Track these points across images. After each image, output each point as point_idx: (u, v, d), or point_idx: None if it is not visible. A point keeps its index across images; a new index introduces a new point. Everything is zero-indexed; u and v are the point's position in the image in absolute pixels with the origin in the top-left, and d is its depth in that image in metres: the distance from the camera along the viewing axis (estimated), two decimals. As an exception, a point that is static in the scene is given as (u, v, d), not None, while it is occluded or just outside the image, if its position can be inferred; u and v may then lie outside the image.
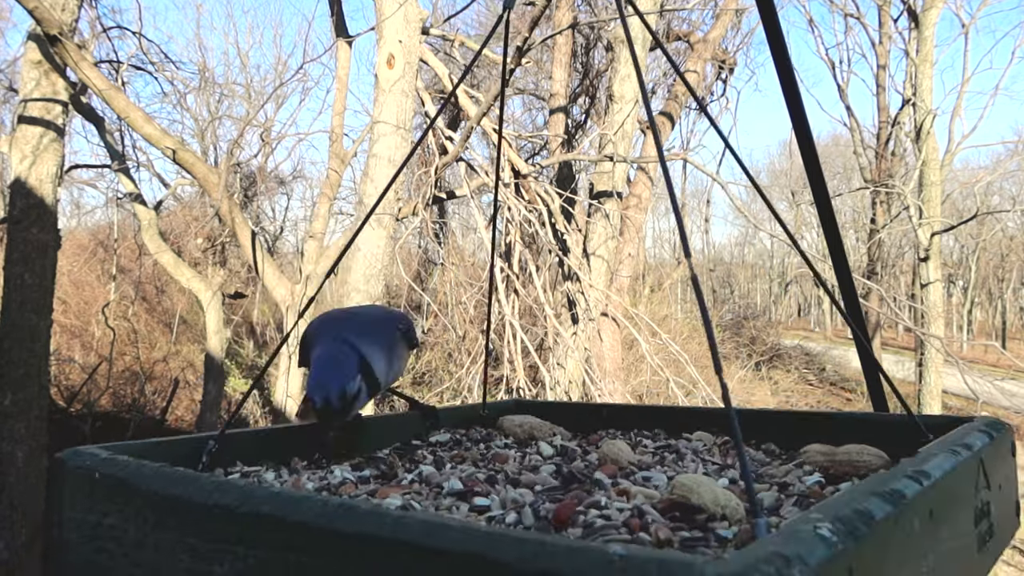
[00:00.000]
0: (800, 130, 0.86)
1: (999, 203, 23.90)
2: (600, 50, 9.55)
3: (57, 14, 4.45)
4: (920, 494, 0.55)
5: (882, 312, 14.22)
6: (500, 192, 4.96)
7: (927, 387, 10.84)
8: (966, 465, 0.68)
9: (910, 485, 0.56)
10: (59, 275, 5.52)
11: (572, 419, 1.17)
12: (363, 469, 0.89)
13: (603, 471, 0.80)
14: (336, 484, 0.82)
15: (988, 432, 0.79)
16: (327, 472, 0.87)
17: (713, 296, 27.38)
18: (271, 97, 11.53)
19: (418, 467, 0.88)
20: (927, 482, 0.58)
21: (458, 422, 1.21)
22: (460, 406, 1.31)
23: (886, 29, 14.00)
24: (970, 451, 0.71)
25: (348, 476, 0.85)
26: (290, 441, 0.97)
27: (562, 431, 1.11)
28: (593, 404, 1.23)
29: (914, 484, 0.56)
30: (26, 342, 4.84)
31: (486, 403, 1.27)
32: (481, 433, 1.16)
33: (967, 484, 0.69)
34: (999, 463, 0.79)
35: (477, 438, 1.13)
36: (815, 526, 0.42)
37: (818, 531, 0.41)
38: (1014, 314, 33.36)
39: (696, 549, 0.54)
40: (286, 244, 18.26)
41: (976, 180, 15.28)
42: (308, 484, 0.82)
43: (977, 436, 0.77)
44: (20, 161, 4.86)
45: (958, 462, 0.67)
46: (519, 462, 0.90)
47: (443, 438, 1.12)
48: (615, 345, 6.12)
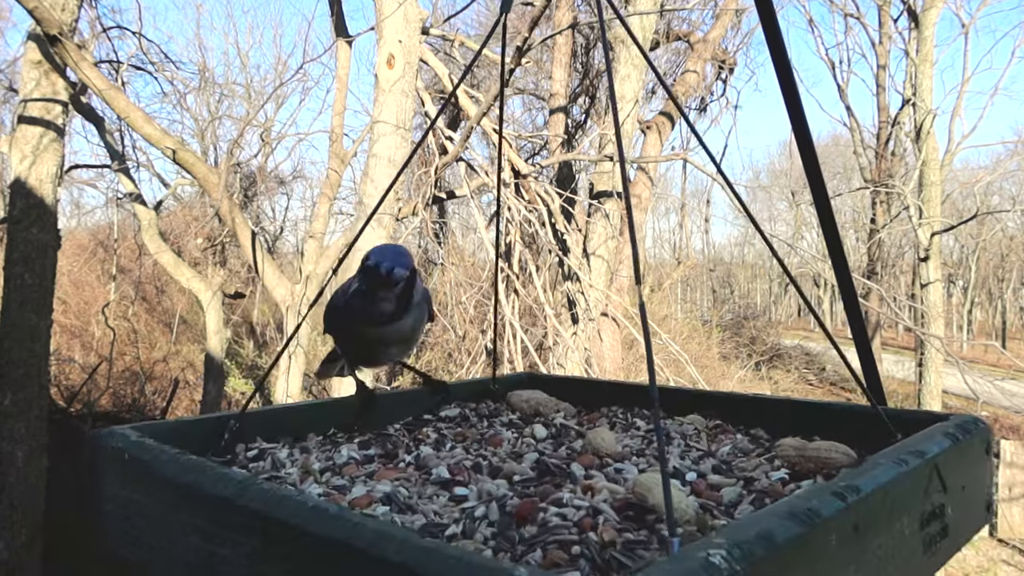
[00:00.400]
0: (800, 130, 0.86)
1: (999, 203, 23.89)
2: (600, 50, 9.54)
3: (57, 14, 4.45)
4: (842, 511, 0.58)
5: (882, 312, 14.21)
6: (500, 192, 4.96)
7: (927, 387, 10.85)
8: (912, 474, 0.70)
9: (831, 503, 0.58)
10: (59, 275, 5.52)
11: (579, 394, 1.21)
12: (369, 448, 0.96)
13: (580, 462, 0.85)
14: (341, 464, 0.88)
15: (954, 435, 0.80)
16: (335, 451, 0.93)
17: (713, 296, 27.38)
18: (271, 97, 11.53)
19: (419, 447, 0.94)
20: (853, 498, 0.60)
21: (469, 396, 1.25)
22: (471, 380, 1.36)
23: (886, 29, 13.99)
24: (921, 458, 0.72)
25: (354, 455, 0.91)
26: (306, 417, 1.05)
27: (567, 407, 1.14)
28: (596, 380, 1.31)
29: (836, 502, 0.58)
30: (26, 342, 4.84)
31: (496, 377, 1.30)
32: (490, 408, 1.20)
33: (912, 491, 0.70)
34: (964, 465, 0.81)
35: (485, 413, 1.17)
36: (708, 553, 0.45)
37: (710, 559, 0.44)
38: (1014, 314, 33.34)
39: (635, 552, 0.59)
40: (286, 244, 18.25)
41: (976, 180, 15.27)
42: (315, 464, 0.87)
43: (938, 441, 0.78)
44: (20, 161, 4.86)
45: (900, 472, 0.68)
46: (512, 445, 0.96)
47: (452, 412, 1.16)
48: (615, 345, 6.12)
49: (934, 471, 0.74)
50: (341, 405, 1.12)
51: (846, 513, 0.58)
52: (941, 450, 0.76)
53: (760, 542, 0.48)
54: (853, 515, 0.59)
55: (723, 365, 14.09)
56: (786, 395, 14.20)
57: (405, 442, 0.99)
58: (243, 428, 0.95)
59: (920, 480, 0.72)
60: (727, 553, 0.45)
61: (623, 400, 1.19)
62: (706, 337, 14.97)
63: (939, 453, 0.76)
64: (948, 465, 0.76)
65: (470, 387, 1.29)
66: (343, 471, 0.84)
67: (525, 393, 1.17)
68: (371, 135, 4.34)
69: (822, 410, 1.02)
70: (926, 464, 0.73)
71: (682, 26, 8.81)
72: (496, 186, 1.40)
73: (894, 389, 15.64)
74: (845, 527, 0.58)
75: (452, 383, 1.27)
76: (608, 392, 1.23)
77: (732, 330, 18.57)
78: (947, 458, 0.77)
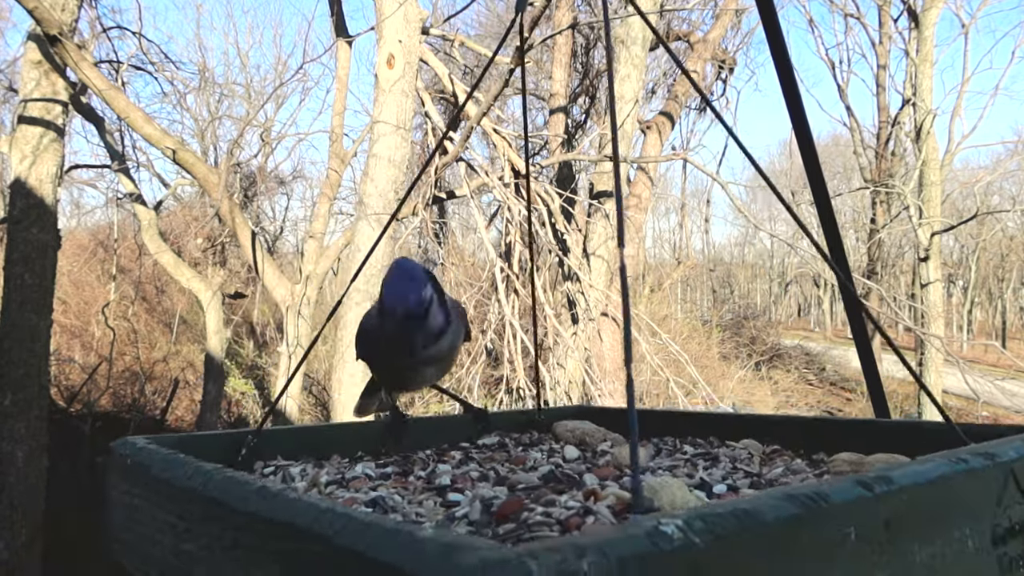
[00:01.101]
0: (800, 130, 0.86)
1: (999, 203, 23.89)
2: (600, 50, 9.55)
3: (57, 14, 4.45)
4: (864, 501, 0.52)
5: (882, 312, 14.21)
6: (500, 192, 4.96)
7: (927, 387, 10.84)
8: (975, 475, 0.62)
9: (848, 490, 0.52)
10: (59, 275, 5.52)
11: (619, 426, 1.15)
12: (388, 466, 0.93)
13: (597, 473, 0.80)
14: (350, 478, 0.86)
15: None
16: (349, 468, 0.91)
17: (713, 296, 27.38)
18: (271, 97, 11.54)
19: (436, 465, 0.92)
20: (882, 489, 0.53)
21: (512, 426, 1.21)
22: (516, 410, 1.33)
23: (886, 29, 14.00)
24: (990, 460, 0.64)
25: (368, 471, 0.89)
26: (331, 438, 1.04)
27: (617, 437, 1.09)
28: (647, 410, 1.19)
29: (858, 489, 0.52)
30: (26, 342, 4.84)
31: (541, 408, 1.26)
32: (532, 437, 1.16)
33: (976, 497, 0.62)
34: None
35: (526, 442, 1.13)
36: (660, 522, 0.41)
37: (660, 527, 0.40)
38: (1014, 314, 33.35)
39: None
40: (286, 244, 18.25)
41: (976, 180, 15.28)
42: (323, 476, 0.86)
43: (1017, 446, 0.69)
44: (20, 161, 4.86)
45: (955, 471, 0.60)
46: (534, 462, 0.93)
47: (491, 441, 1.12)
48: (615, 345, 6.12)
49: (1011, 478, 0.65)
50: (371, 429, 1.11)
51: (870, 504, 0.52)
52: (1020, 455, 0.67)
53: (734, 518, 0.44)
54: (882, 508, 0.53)
55: (723, 365, 14.09)
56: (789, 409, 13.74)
57: (424, 460, 0.97)
58: (262, 446, 0.95)
59: (989, 486, 0.63)
60: (684, 523, 0.41)
61: (679, 430, 1.12)
62: (706, 337, 14.98)
63: (1018, 459, 0.66)
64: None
65: (513, 417, 1.26)
66: (350, 484, 0.83)
67: (571, 423, 1.13)
68: (371, 135, 4.34)
69: (896, 428, 0.93)
70: (997, 468, 0.64)
71: (682, 26, 8.81)
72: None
73: (894, 389, 15.64)
74: (870, 521, 0.52)
75: (495, 412, 1.24)
76: (660, 421, 1.17)
77: (732, 330, 18.57)
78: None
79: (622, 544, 0.38)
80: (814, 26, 17.02)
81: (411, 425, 1.09)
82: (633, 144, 6.79)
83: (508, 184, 4.99)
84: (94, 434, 9.24)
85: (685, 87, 7.66)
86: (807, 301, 37.22)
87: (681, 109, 7.92)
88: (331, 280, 13.34)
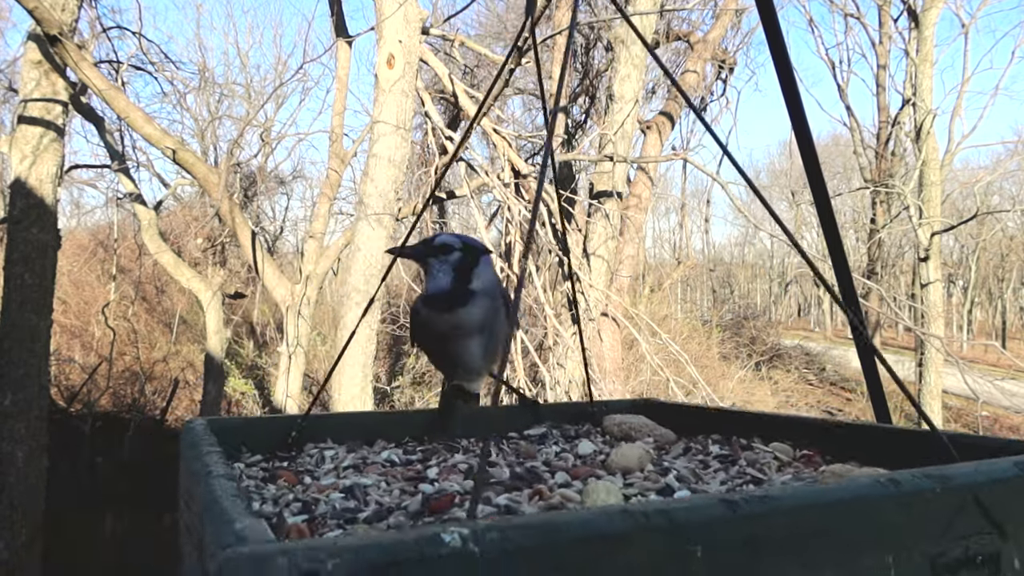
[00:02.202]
0: (800, 130, 0.86)
1: (999, 203, 23.89)
2: (600, 50, 9.55)
3: (57, 14, 4.45)
4: (722, 520, 0.49)
5: (882, 312, 14.21)
6: (500, 192, 4.96)
7: (927, 387, 10.85)
8: (909, 499, 0.56)
9: (707, 509, 0.50)
10: (59, 275, 5.52)
11: (681, 421, 1.15)
12: (414, 452, 1.00)
13: (574, 472, 0.85)
14: (369, 462, 0.94)
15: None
16: (374, 452, 0.99)
17: (713, 296, 27.38)
18: (271, 97, 11.54)
19: (453, 455, 0.97)
20: (749, 509, 0.51)
21: (565, 418, 1.23)
22: (571, 402, 1.34)
23: (886, 29, 14.00)
24: (940, 484, 0.58)
25: (394, 456, 0.97)
26: (383, 423, 1.12)
27: (665, 433, 1.09)
28: (706, 408, 1.18)
29: (719, 509, 0.50)
30: (26, 342, 4.84)
31: (593, 400, 1.26)
32: (577, 430, 1.18)
33: (912, 523, 0.57)
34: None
35: (571, 434, 1.15)
36: (445, 529, 0.42)
37: (441, 534, 0.41)
38: (1014, 314, 33.35)
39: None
40: (286, 244, 18.26)
41: (976, 180, 15.27)
42: (348, 457, 0.95)
43: (989, 469, 0.62)
44: (20, 161, 4.85)
45: (877, 494, 0.55)
46: (543, 456, 0.97)
47: (536, 432, 1.15)
48: (615, 345, 6.12)
49: (972, 505, 0.59)
50: (423, 416, 1.15)
51: (729, 523, 0.49)
52: (990, 480, 0.61)
53: (538, 530, 0.44)
54: (745, 527, 0.50)
55: (723, 365, 14.09)
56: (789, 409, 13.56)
57: (451, 449, 1.02)
58: (318, 429, 1.04)
59: (934, 512, 0.58)
60: (472, 533, 0.42)
61: (726, 429, 1.09)
62: (706, 337, 14.97)
63: (984, 483, 0.60)
64: (1008, 501, 0.61)
65: (568, 408, 1.27)
66: (366, 470, 0.89)
67: (619, 417, 1.13)
68: (371, 135, 4.34)
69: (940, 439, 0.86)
70: (950, 493, 0.58)
71: (682, 26, 8.81)
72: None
73: (894, 389, 15.58)
74: (725, 540, 0.49)
75: (551, 404, 1.27)
76: (711, 420, 1.13)
77: (732, 330, 18.56)
78: (1007, 491, 0.61)
79: (380, 549, 0.40)
80: (814, 26, 17.03)
81: (463, 414, 1.12)
82: (633, 144, 6.79)
83: (508, 184, 4.99)
84: (94, 434, 9.24)
85: (685, 87, 7.66)
86: (807, 301, 37.22)
87: (681, 109, 7.92)
88: (331, 280, 13.35)
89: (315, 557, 0.39)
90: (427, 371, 11.03)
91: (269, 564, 0.39)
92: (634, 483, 0.81)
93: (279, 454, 1.00)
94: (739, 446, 1.01)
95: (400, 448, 1.03)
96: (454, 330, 0.98)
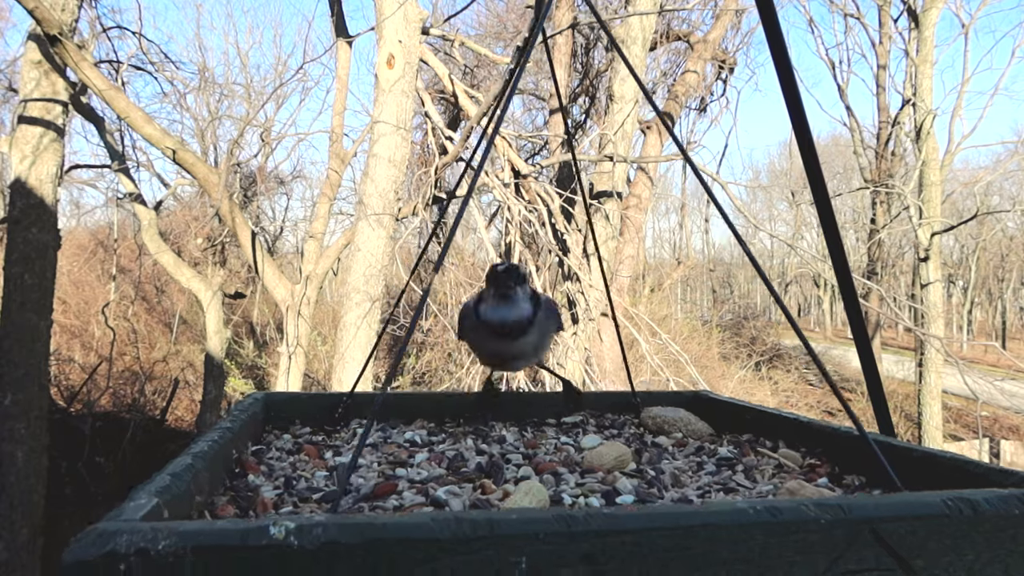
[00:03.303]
0: (800, 130, 0.86)
1: (999, 203, 23.90)
2: (600, 50, 9.54)
3: (57, 14, 4.45)
4: (556, 536, 0.49)
5: (882, 312, 14.21)
6: (500, 192, 4.96)
7: (927, 387, 10.84)
8: (789, 527, 0.53)
9: (537, 525, 0.50)
10: (59, 275, 5.52)
11: (729, 417, 1.14)
12: (438, 434, 1.06)
13: (540, 468, 0.87)
14: (390, 441, 1.01)
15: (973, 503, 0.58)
16: (400, 432, 1.06)
17: (713, 296, 27.37)
18: (271, 97, 11.53)
19: (464, 440, 1.02)
20: (585, 527, 0.50)
21: (607, 407, 1.25)
22: (614, 392, 1.35)
23: (886, 29, 14.00)
24: (832, 515, 0.54)
25: (416, 437, 1.03)
26: (423, 404, 1.18)
27: (699, 428, 1.09)
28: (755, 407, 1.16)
29: (554, 525, 0.50)
30: (26, 342, 4.84)
31: (635, 391, 1.25)
32: (613, 419, 1.20)
33: (785, 552, 0.53)
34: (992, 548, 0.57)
35: (605, 424, 1.17)
36: (275, 522, 0.46)
37: (269, 527, 0.46)
38: (1014, 314, 33.37)
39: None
40: (286, 244, 18.25)
41: (976, 180, 15.28)
42: (375, 434, 1.04)
43: (899, 501, 0.58)
44: (20, 161, 4.85)
45: (748, 520, 0.52)
46: (545, 448, 0.99)
47: (573, 420, 1.18)
48: (615, 345, 6.12)
49: (870, 539, 0.54)
50: (466, 400, 1.19)
51: (564, 539, 0.49)
52: (895, 514, 0.55)
53: (346, 529, 0.46)
54: (583, 543, 0.49)
55: (723, 365, 14.09)
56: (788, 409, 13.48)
57: (476, 434, 1.06)
58: (363, 407, 1.13)
59: (817, 542, 0.53)
60: (297, 528, 0.46)
61: (762, 430, 1.06)
62: (706, 337, 14.97)
63: (889, 519, 0.55)
64: (925, 537, 0.56)
65: (610, 398, 1.27)
66: (383, 450, 0.96)
67: (657, 410, 1.13)
68: (371, 135, 4.34)
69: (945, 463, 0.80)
70: (843, 524, 0.54)
71: (682, 26, 8.81)
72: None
73: (894, 389, 15.64)
74: (558, 554, 0.49)
75: (595, 392, 1.28)
76: (750, 420, 1.09)
77: (732, 330, 18.57)
78: (923, 527, 0.56)
79: (206, 534, 0.46)
80: (814, 26, 17.04)
81: (502, 399, 1.17)
82: (633, 144, 6.79)
83: (508, 184, 4.99)
84: (94, 434, 9.24)
85: (685, 87, 7.66)
86: (807, 301, 37.22)
87: (681, 109, 7.91)
88: (331, 280, 13.35)
89: (151, 538, 0.44)
90: (427, 371, 11.03)
91: (112, 539, 0.44)
92: (587, 483, 0.82)
93: (326, 428, 1.09)
94: (750, 450, 0.99)
95: (424, 430, 1.08)
96: (514, 352, 1.05)
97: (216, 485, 0.77)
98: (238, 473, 0.86)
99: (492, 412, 1.15)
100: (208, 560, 0.45)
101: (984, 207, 15.36)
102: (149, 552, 0.44)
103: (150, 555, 0.44)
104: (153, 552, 0.44)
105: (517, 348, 1.03)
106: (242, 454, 0.91)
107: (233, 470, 0.87)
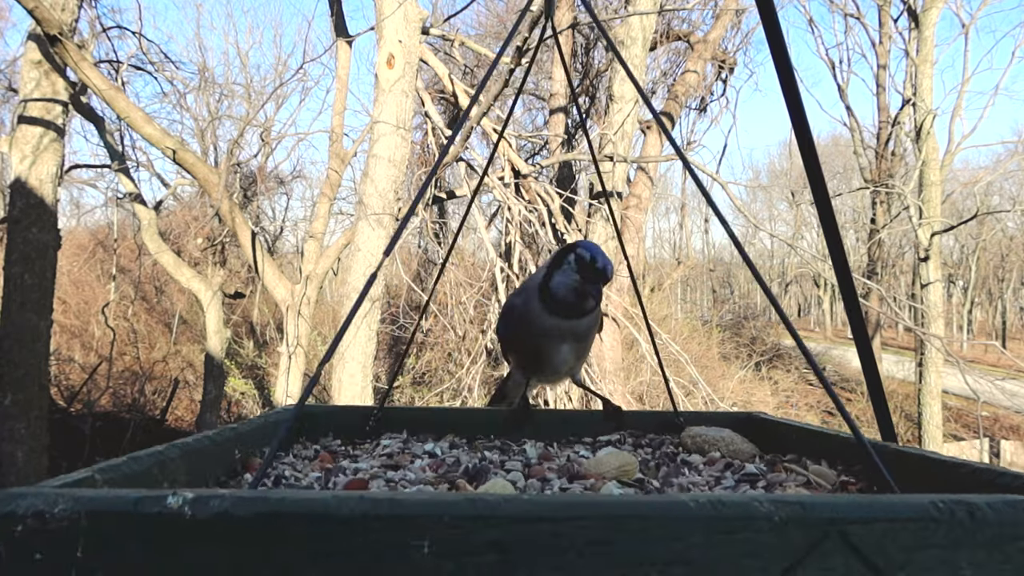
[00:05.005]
0: (800, 130, 0.86)
1: (999, 203, 23.89)
2: (600, 50, 9.55)
3: (57, 14, 4.45)
4: (463, 519, 0.47)
5: (882, 312, 14.22)
6: (500, 192, 4.96)
7: (927, 387, 10.84)
8: (738, 524, 0.48)
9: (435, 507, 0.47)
10: (59, 275, 5.51)
11: (769, 439, 1.09)
12: (457, 447, 1.07)
13: (533, 474, 0.87)
14: (402, 450, 1.03)
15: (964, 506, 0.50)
16: (418, 444, 1.07)
17: (713, 296, 27.38)
18: (271, 97, 11.53)
19: (485, 453, 1.02)
20: (488, 511, 0.47)
21: (649, 426, 1.21)
22: (657, 411, 1.32)
23: (886, 29, 14.00)
24: (789, 511, 0.49)
25: (438, 449, 1.04)
26: (458, 419, 1.19)
27: (744, 448, 1.04)
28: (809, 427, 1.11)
29: (462, 508, 0.48)
30: (26, 342, 4.84)
31: (679, 411, 1.21)
32: (651, 439, 1.16)
33: (734, 551, 0.47)
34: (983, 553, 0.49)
35: (642, 443, 1.14)
36: (173, 493, 0.47)
37: (165, 497, 0.46)
38: (1014, 314, 33.37)
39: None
40: (286, 244, 18.25)
41: (976, 180, 15.28)
42: (394, 446, 1.05)
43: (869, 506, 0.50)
44: (20, 161, 4.86)
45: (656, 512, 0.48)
46: (558, 460, 0.99)
47: (609, 438, 1.15)
48: (615, 345, 6.12)
49: (835, 543, 0.48)
50: (499, 415, 1.18)
51: (470, 522, 0.46)
52: (868, 516, 0.49)
53: (244, 503, 0.46)
54: (492, 529, 0.46)
55: (723, 365, 14.08)
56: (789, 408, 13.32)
57: (500, 449, 1.06)
58: (397, 419, 1.16)
59: (775, 541, 0.48)
60: (194, 500, 0.47)
61: (808, 451, 1.00)
62: (706, 337, 14.97)
63: (856, 521, 0.48)
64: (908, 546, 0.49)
65: (653, 418, 1.23)
66: (398, 459, 0.97)
67: (699, 429, 1.08)
68: (371, 135, 4.34)
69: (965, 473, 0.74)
70: (800, 525, 0.48)
71: (682, 26, 8.81)
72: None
73: (894, 389, 15.64)
74: (464, 538, 0.46)
75: (637, 412, 1.26)
76: (795, 440, 1.04)
77: (732, 330, 18.56)
78: (914, 535, 0.49)
79: (100, 500, 0.47)
80: (814, 26, 17.03)
81: (539, 417, 1.16)
82: (633, 144, 6.79)
83: (508, 184, 4.99)
84: (94, 434, 9.24)
85: (685, 87, 7.66)
86: (807, 301, 37.23)
87: (681, 109, 7.92)
88: (331, 280, 13.34)
89: (51, 502, 0.46)
90: (427, 371, 11.03)
91: (14, 501, 0.46)
92: (570, 488, 0.82)
93: (356, 440, 1.12)
94: (782, 467, 0.94)
95: (446, 442, 1.09)
96: (572, 330, 1.04)
97: (202, 478, 0.78)
98: (238, 472, 0.86)
99: (525, 429, 1.12)
100: (101, 525, 0.46)
101: (984, 207, 15.36)
102: (44, 515, 0.45)
103: (45, 518, 0.45)
104: (48, 515, 0.45)
105: (573, 327, 1.04)
106: (249, 456, 0.91)
107: (234, 469, 0.87)
